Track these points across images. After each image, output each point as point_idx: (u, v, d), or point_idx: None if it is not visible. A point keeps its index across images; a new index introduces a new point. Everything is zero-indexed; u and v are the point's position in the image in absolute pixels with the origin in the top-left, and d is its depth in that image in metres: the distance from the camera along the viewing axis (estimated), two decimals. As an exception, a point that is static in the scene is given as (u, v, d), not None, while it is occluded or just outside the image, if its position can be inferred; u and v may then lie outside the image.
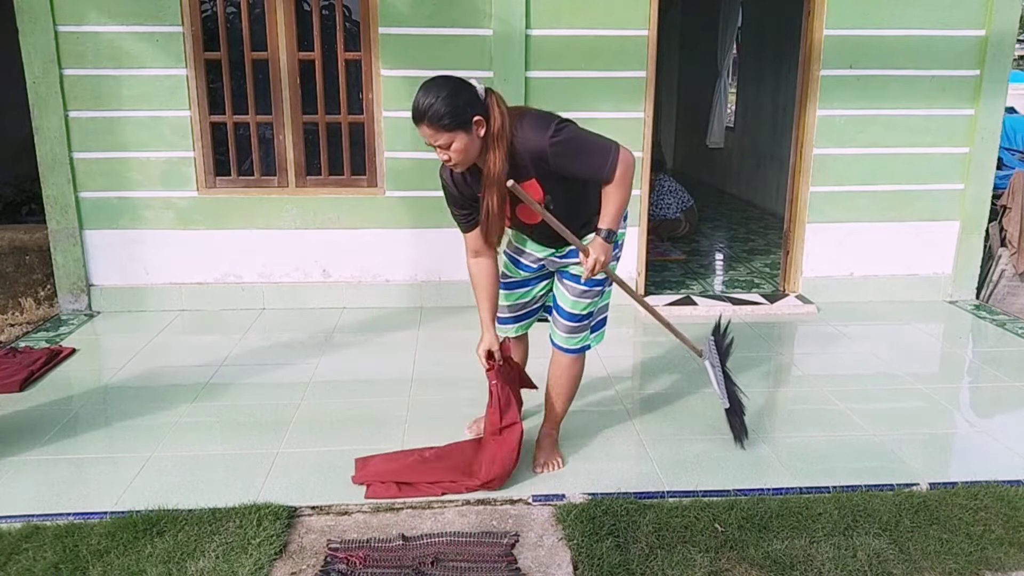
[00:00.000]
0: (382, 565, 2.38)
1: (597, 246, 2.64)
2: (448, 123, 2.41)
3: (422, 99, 2.42)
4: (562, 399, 2.99)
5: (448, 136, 2.43)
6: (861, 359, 4.13)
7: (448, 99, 2.41)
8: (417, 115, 2.43)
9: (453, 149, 2.45)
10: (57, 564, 2.36)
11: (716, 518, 2.60)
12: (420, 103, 2.42)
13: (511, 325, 3.01)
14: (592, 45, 4.66)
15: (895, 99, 4.87)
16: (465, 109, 2.43)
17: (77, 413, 3.44)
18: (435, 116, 2.40)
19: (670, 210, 6.81)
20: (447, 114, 2.40)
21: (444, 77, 2.50)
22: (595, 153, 2.55)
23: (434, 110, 2.40)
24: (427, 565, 2.37)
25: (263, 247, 4.86)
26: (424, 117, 2.42)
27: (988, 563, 2.40)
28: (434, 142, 2.45)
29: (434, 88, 2.43)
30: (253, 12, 4.60)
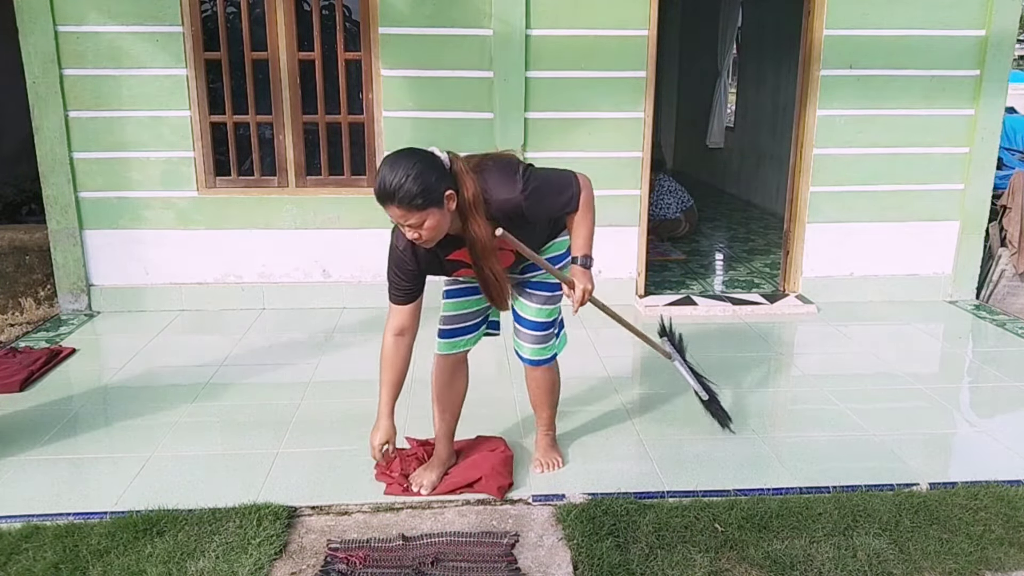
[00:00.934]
0: (382, 565, 2.38)
1: (581, 275, 2.58)
2: (421, 203, 2.24)
3: (389, 178, 2.23)
4: (548, 406, 2.98)
5: (420, 215, 2.27)
6: (861, 359, 4.13)
7: (419, 177, 2.23)
8: (385, 195, 2.25)
9: (426, 227, 2.29)
10: (57, 564, 2.36)
11: (716, 518, 2.60)
12: (388, 183, 2.23)
13: (448, 339, 2.80)
14: (592, 45, 4.66)
15: (895, 99, 4.87)
16: (437, 185, 2.26)
17: (77, 413, 3.44)
18: (406, 197, 2.23)
19: (670, 210, 6.81)
20: (419, 193, 2.23)
21: (409, 152, 2.31)
22: (561, 190, 2.51)
23: (405, 191, 2.22)
24: (427, 565, 2.37)
25: (263, 247, 4.86)
26: (393, 199, 2.24)
27: (988, 563, 2.40)
28: (404, 222, 2.29)
29: (401, 166, 2.24)
30: (253, 12, 4.60)
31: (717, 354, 4.17)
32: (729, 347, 4.29)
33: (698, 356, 4.10)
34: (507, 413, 3.36)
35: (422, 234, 2.31)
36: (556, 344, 2.90)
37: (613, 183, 4.88)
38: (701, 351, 4.19)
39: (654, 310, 4.84)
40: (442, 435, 2.90)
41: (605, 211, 4.89)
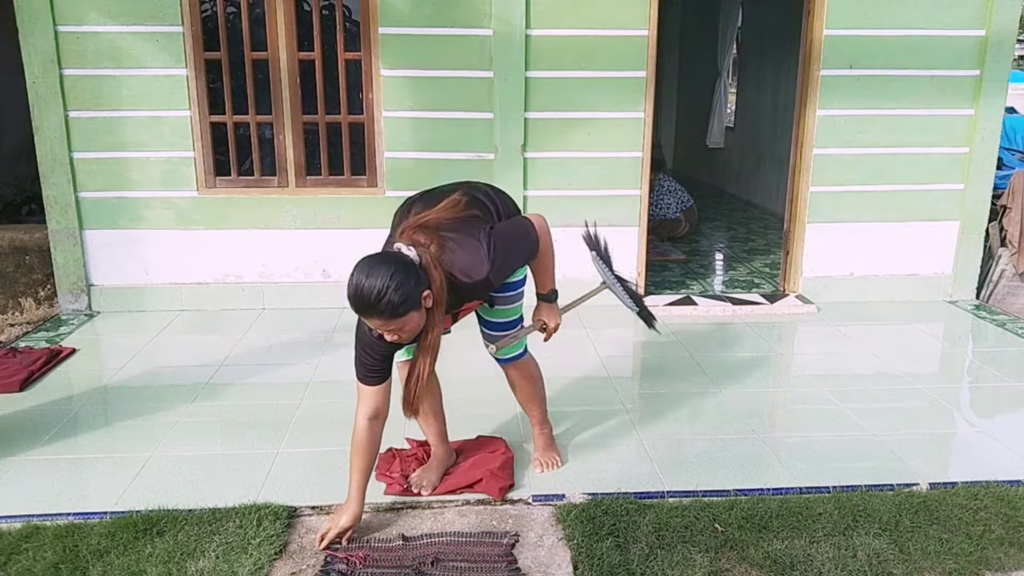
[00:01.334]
0: (382, 565, 2.38)
1: (549, 312, 2.72)
2: (403, 311, 2.17)
3: (367, 291, 2.13)
4: (536, 400, 2.96)
5: (400, 321, 2.19)
6: (861, 359, 4.13)
7: (399, 288, 2.14)
8: (365, 307, 2.16)
9: (406, 330, 2.23)
10: (57, 564, 2.36)
11: (716, 518, 2.60)
12: (366, 294, 2.13)
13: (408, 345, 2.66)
14: (592, 45, 4.66)
15: (895, 99, 4.87)
16: (415, 290, 2.18)
17: (77, 413, 3.44)
18: (388, 308, 2.14)
19: (670, 210, 6.81)
20: (401, 303, 2.15)
21: (382, 258, 2.22)
22: (521, 244, 2.51)
23: (386, 302, 2.14)
24: (427, 565, 2.37)
25: (263, 247, 4.87)
26: (374, 311, 2.15)
27: (988, 563, 2.40)
28: (385, 329, 2.21)
29: (379, 276, 2.14)
30: (253, 12, 4.60)
31: (717, 354, 4.17)
32: (729, 347, 4.29)
33: (698, 356, 4.12)
34: (507, 413, 3.36)
35: (401, 336, 2.25)
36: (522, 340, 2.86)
37: (613, 183, 4.88)
38: (701, 351, 4.20)
39: (654, 310, 4.81)
40: (434, 437, 2.90)
41: (605, 211, 4.94)
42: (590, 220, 3.13)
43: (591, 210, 4.85)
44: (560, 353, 4.12)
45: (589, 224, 2.97)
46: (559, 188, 4.83)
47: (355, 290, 2.16)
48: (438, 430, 2.89)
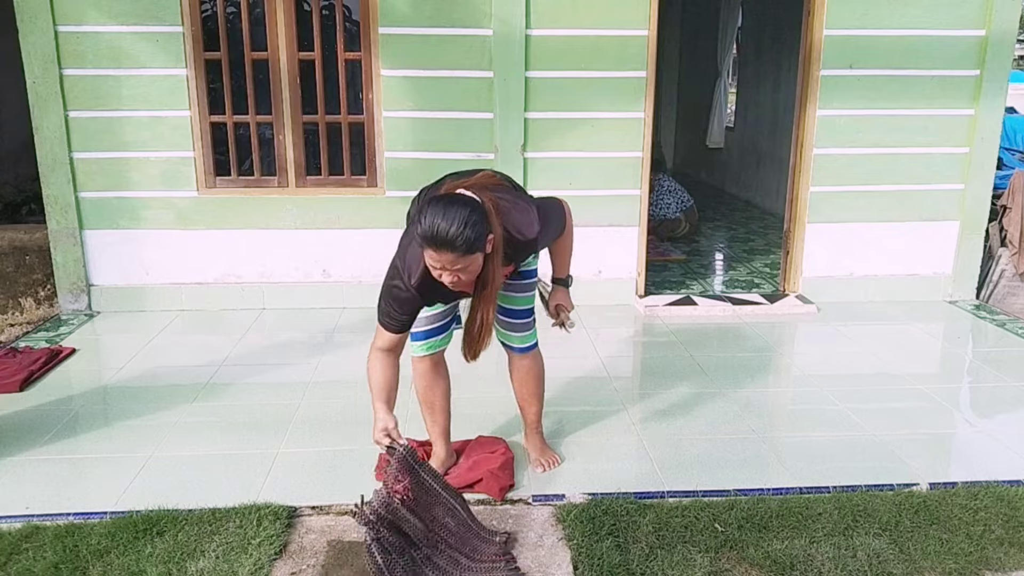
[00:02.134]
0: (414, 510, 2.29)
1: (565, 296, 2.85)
2: (476, 249, 2.22)
3: (445, 226, 2.16)
4: (536, 399, 2.97)
5: (468, 260, 2.23)
6: (861, 359, 4.13)
7: (475, 225, 2.20)
8: (442, 243, 2.18)
9: (469, 271, 2.27)
10: (57, 564, 2.36)
11: (716, 518, 2.60)
12: (445, 231, 2.16)
13: (424, 341, 2.79)
14: (592, 45, 4.66)
15: (895, 99, 4.87)
16: (484, 231, 2.24)
17: (77, 413, 3.44)
18: (464, 244, 2.18)
19: (670, 210, 6.81)
20: (475, 240, 2.20)
21: (457, 198, 2.26)
22: (557, 217, 2.63)
23: (464, 238, 2.17)
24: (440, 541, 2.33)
25: (263, 247, 4.86)
26: (452, 246, 2.17)
27: (988, 563, 2.40)
28: (451, 267, 2.22)
29: (456, 213, 2.18)
30: (253, 12, 4.60)
31: (717, 354, 4.17)
32: (729, 347, 4.29)
33: (698, 356, 4.12)
34: (507, 413, 3.36)
35: (462, 278, 2.28)
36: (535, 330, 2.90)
37: (613, 183, 4.88)
38: (701, 351, 4.20)
39: (654, 310, 4.84)
40: (437, 436, 2.91)
41: (605, 211, 4.94)
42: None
43: (591, 210, 4.87)
44: (560, 353, 4.12)
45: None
46: (559, 188, 4.83)
47: (433, 226, 2.18)
48: (443, 428, 2.90)
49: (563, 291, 2.85)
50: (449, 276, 2.26)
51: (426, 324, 2.77)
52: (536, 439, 3.02)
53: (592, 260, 4.96)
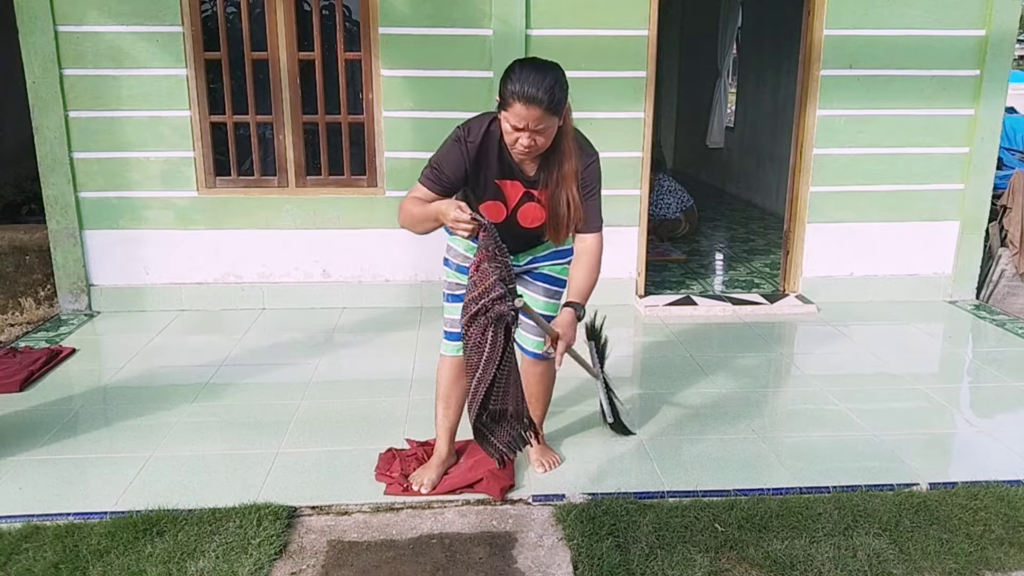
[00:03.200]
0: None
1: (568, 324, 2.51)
2: (561, 108, 2.34)
3: (539, 82, 2.26)
4: (542, 403, 2.97)
5: (551, 121, 2.33)
6: (861, 359, 4.13)
7: (565, 86, 2.33)
8: (534, 99, 2.26)
9: (547, 135, 2.36)
10: (57, 564, 2.36)
11: (716, 518, 2.60)
12: (539, 86, 2.25)
13: (450, 343, 2.79)
14: (592, 45, 4.66)
15: (895, 99, 4.87)
16: (567, 95, 2.36)
17: (77, 413, 3.44)
18: (554, 102, 2.28)
19: (670, 210, 6.81)
20: (562, 100, 2.32)
21: (545, 62, 2.35)
22: (599, 209, 2.66)
23: (556, 96, 2.28)
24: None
25: (263, 247, 4.86)
26: (543, 103, 2.27)
27: (988, 563, 2.40)
28: (536, 126, 2.31)
29: (549, 72, 2.30)
30: (253, 12, 4.60)
31: (717, 354, 4.17)
32: (729, 347, 4.29)
33: (698, 356, 4.12)
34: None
35: (538, 141, 2.35)
36: None
37: (613, 183, 4.86)
38: (701, 351, 4.20)
39: (654, 310, 4.84)
40: (445, 431, 2.90)
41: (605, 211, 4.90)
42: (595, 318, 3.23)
43: (591, 210, 4.86)
44: (560, 353, 4.12)
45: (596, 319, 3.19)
46: (559, 188, 4.82)
47: (526, 82, 2.26)
48: (452, 424, 2.90)
49: (571, 318, 2.55)
50: (528, 139, 2.33)
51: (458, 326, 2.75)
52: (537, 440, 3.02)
53: (592, 260, 4.96)
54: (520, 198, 2.56)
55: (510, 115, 2.32)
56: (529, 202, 2.56)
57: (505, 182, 2.54)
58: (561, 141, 2.43)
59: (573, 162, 2.46)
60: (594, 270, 2.63)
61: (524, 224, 2.60)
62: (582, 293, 2.61)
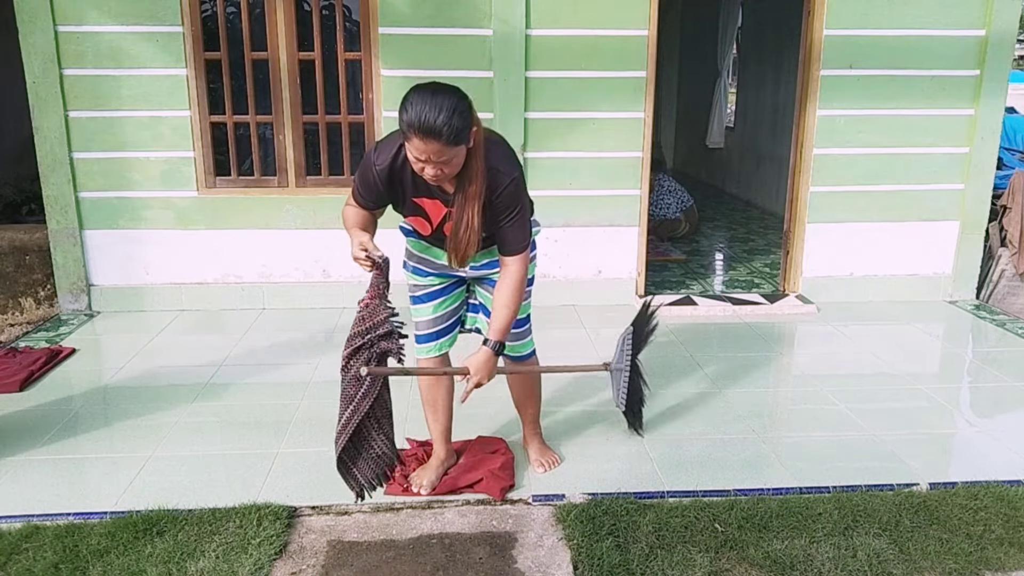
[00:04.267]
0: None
1: (482, 363, 2.46)
2: (462, 138, 2.20)
3: (433, 115, 2.13)
4: (533, 400, 2.98)
5: (454, 151, 2.21)
6: (861, 359, 4.13)
7: (463, 114, 2.18)
8: (430, 131, 2.14)
9: (452, 164, 2.25)
10: (57, 564, 2.36)
11: (716, 518, 2.60)
12: (434, 119, 2.13)
13: (432, 343, 2.78)
14: (592, 45, 4.66)
15: (895, 99, 4.87)
16: (470, 121, 2.23)
17: (77, 413, 3.44)
18: (452, 133, 2.15)
19: (670, 210, 6.81)
20: (462, 129, 2.18)
21: (443, 87, 2.22)
22: (525, 225, 2.47)
23: (452, 127, 2.15)
24: None
25: (263, 247, 4.86)
26: (440, 135, 2.15)
27: (988, 563, 2.40)
28: (437, 158, 2.20)
29: (445, 101, 2.16)
30: (253, 12, 4.60)
31: (717, 354, 4.17)
32: (729, 347, 4.29)
33: (698, 356, 4.12)
34: (507, 413, 3.36)
35: (444, 170, 2.25)
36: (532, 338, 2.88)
37: (613, 183, 4.88)
38: (701, 351, 4.20)
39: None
40: (438, 435, 2.90)
41: (605, 211, 4.94)
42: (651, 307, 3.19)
43: (591, 210, 4.87)
44: (560, 353, 4.12)
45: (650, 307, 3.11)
46: (559, 188, 4.83)
47: (420, 115, 2.14)
48: (444, 427, 2.90)
49: (485, 357, 2.47)
50: (432, 169, 2.23)
51: (431, 327, 2.77)
52: (535, 439, 3.02)
53: (592, 260, 4.97)
54: (443, 216, 2.47)
55: (411, 147, 2.22)
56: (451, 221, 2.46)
57: (423, 200, 2.46)
58: (471, 161, 2.30)
59: (478, 185, 2.32)
60: (513, 300, 2.48)
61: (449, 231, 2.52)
62: (500, 330, 2.49)
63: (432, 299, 2.75)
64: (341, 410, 2.42)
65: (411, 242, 2.72)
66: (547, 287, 4.93)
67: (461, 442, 3.07)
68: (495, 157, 2.37)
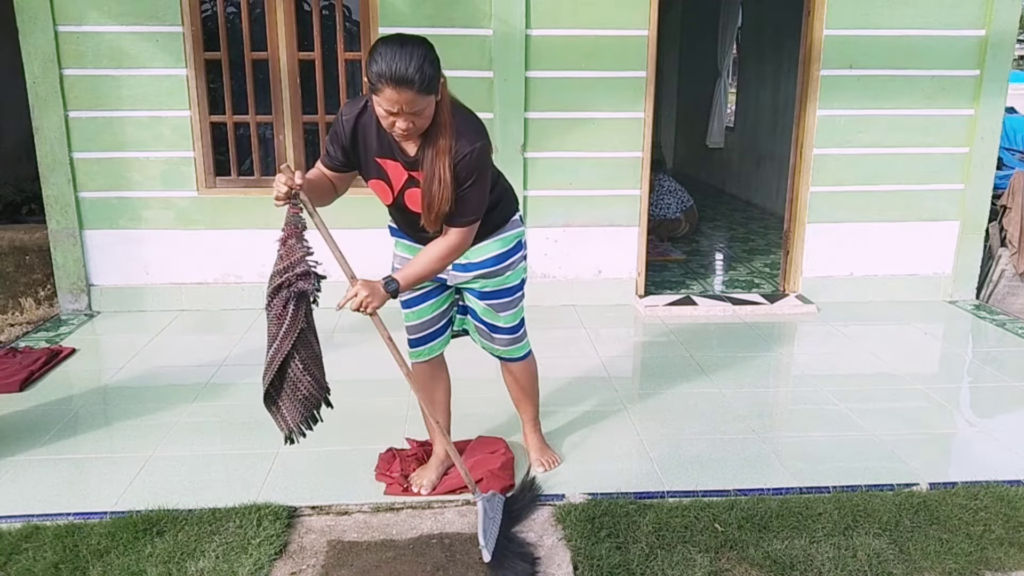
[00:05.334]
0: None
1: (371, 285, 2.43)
2: (432, 87, 2.16)
3: (405, 63, 2.09)
4: (530, 399, 2.97)
5: (425, 102, 2.17)
6: (861, 359, 4.13)
7: (434, 62, 2.15)
8: (403, 80, 2.10)
9: (424, 115, 2.20)
10: (57, 564, 2.36)
11: (716, 518, 2.60)
12: (406, 67, 2.09)
13: (422, 346, 2.77)
14: (592, 45, 4.66)
15: (895, 99, 4.87)
16: (439, 70, 2.19)
17: (77, 413, 3.44)
18: (424, 81, 2.11)
19: (670, 210, 6.81)
20: (433, 77, 2.14)
21: (411, 37, 2.18)
22: (478, 198, 2.39)
23: (425, 75, 2.11)
24: None
25: (263, 247, 4.84)
26: (413, 84, 2.10)
27: (988, 563, 2.40)
28: (409, 109, 2.15)
29: (416, 50, 2.13)
30: (253, 12, 4.60)
31: (717, 354, 4.17)
32: (729, 347, 4.29)
33: (698, 356, 4.12)
34: (507, 413, 3.36)
35: (415, 123, 2.20)
36: (527, 340, 2.87)
37: (613, 183, 4.88)
38: (701, 351, 4.20)
39: (654, 310, 4.84)
40: (437, 434, 2.90)
41: (605, 211, 4.94)
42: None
43: (591, 210, 4.87)
44: (560, 353, 4.12)
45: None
46: (559, 188, 4.83)
47: (391, 64, 2.10)
48: (443, 426, 2.89)
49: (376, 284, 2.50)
50: (404, 122, 2.18)
51: (420, 331, 2.77)
52: (535, 439, 3.01)
53: (592, 260, 4.97)
54: (404, 182, 2.42)
55: (381, 100, 2.16)
56: (413, 187, 2.41)
57: (386, 161, 2.40)
58: (439, 114, 2.25)
59: (447, 139, 2.26)
60: (440, 258, 2.42)
61: (413, 208, 2.47)
62: (407, 273, 2.44)
63: (420, 303, 2.74)
64: (267, 348, 2.45)
65: (398, 244, 2.74)
66: (547, 287, 4.93)
67: (461, 442, 3.07)
68: (462, 124, 2.32)
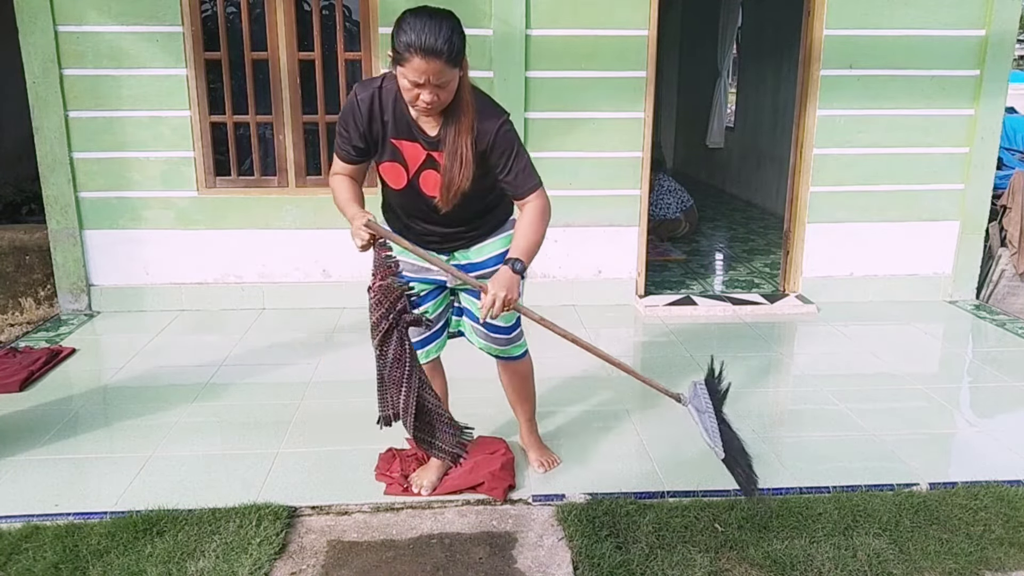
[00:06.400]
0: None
1: (503, 279, 2.27)
2: (460, 58, 2.17)
3: (435, 31, 2.11)
4: (529, 399, 2.97)
5: (452, 73, 2.17)
6: (861, 359, 4.13)
7: (460, 33, 2.17)
8: (433, 51, 2.10)
9: (448, 88, 2.20)
10: (57, 564, 2.36)
11: (716, 518, 2.60)
12: (437, 37, 2.10)
13: (419, 351, 2.74)
14: (592, 45, 4.66)
15: (895, 99, 4.87)
16: (465, 42, 2.20)
17: (77, 413, 3.44)
18: (453, 51, 2.13)
19: (670, 210, 6.81)
20: (462, 48, 2.16)
21: (436, 10, 2.19)
22: (529, 168, 2.41)
23: (454, 44, 2.13)
24: None
25: (263, 247, 4.86)
26: (443, 54, 2.11)
27: (988, 563, 2.40)
28: (436, 80, 2.15)
29: (444, 21, 2.15)
30: (253, 12, 4.60)
31: (717, 354, 4.15)
32: (729, 347, 4.29)
33: (698, 356, 4.12)
34: (507, 413, 3.35)
35: (440, 95, 2.19)
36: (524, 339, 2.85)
37: (613, 183, 4.88)
38: (701, 351, 4.20)
39: (654, 310, 4.84)
40: None
41: (605, 211, 4.94)
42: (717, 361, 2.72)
43: (591, 210, 4.87)
44: (560, 353, 4.12)
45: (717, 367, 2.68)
46: (559, 188, 4.82)
47: (423, 32, 2.10)
48: None
49: (506, 274, 2.30)
50: (429, 94, 2.17)
51: (419, 334, 2.76)
52: (534, 439, 3.01)
53: (592, 260, 4.97)
54: (421, 163, 2.39)
55: (408, 70, 2.14)
56: (430, 169, 2.38)
57: (403, 142, 2.38)
58: (461, 91, 2.26)
59: (469, 118, 2.28)
60: (537, 223, 2.38)
61: (427, 191, 2.43)
62: (522, 249, 2.35)
63: (419, 305, 2.73)
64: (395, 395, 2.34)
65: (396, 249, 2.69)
66: (547, 287, 4.93)
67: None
68: (480, 103, 2.33)
